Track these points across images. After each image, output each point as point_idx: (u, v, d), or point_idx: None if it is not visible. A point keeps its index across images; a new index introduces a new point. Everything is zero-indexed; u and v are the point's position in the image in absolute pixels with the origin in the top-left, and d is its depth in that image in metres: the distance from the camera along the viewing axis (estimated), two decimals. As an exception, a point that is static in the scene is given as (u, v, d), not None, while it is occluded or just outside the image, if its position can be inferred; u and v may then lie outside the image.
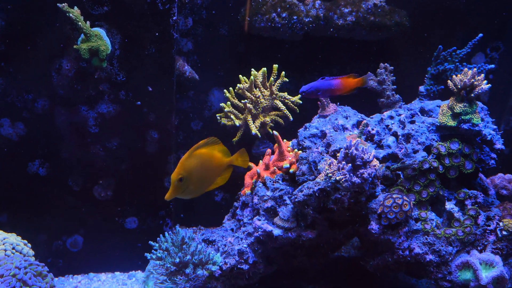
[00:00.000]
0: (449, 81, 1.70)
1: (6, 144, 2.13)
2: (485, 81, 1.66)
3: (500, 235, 1.65)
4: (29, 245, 1.78)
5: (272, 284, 1.90)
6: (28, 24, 2.02)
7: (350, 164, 1.54)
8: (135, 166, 2.26)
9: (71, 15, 1.93)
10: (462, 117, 1.69)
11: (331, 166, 1.57)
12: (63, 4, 1.92)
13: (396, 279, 2.17)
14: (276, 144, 1.90)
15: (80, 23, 1.95)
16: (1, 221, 2.19)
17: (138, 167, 2.27)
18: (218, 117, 2.14)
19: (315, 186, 1.61)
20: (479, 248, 1.68)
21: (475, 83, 1.66)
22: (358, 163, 1.54)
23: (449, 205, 1.73)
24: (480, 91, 1.66)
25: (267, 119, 2.06)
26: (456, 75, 1.70)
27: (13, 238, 1.74)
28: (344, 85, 1.61)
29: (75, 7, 1.97)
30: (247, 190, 1.89)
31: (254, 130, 2.02)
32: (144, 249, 2.30)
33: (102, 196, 2.28)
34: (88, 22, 2.00)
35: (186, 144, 2.51)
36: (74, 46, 2.00)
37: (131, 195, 2.30)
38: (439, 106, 1.81)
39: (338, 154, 1.70)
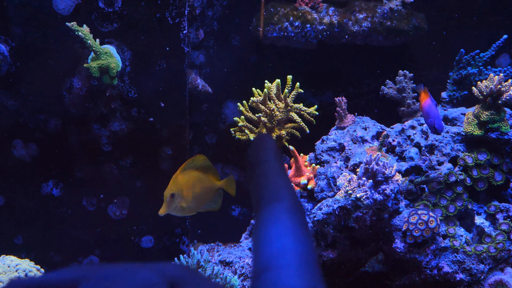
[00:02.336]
0: (473, 88, 1.60)
1: (19, 166, 2.12)
2: (513, 87, 1.56)
3: (536, 251, 1.54)
4: (42, 270, 1.74)
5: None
6: (38, 44, 2.01)
7: (371, 180, 1.45)
8: (150, 183, 2.22)
9: (80, 33, 1.90)
10: (490, 126, 1.58)
11: (351, 183, 1.49)
12: (72, 23, 1.89)
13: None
14: (293, 159, 1.83)
15: (89, 41, 1.92)
16: (17, 243, 2.17)
17: (152, 185, 2.22)
18: (233, 132, 2.08)
19: (334, 204, 1.53)
20: (513, 265, 1.57)
21: (502, 89, 1.56)
22: (379, 178, 1.46)
23: (479, 220, 1.62)
24: (508, 97, 1.56)
25: (283, 132, 1.99)
26: (481, 81, 1.61)
27: (25, 264, 1.70)
28: None
29: (84, 25, 1.94)
30: (263, 208, 1.82)
31: (269, 145, 1.95)
32: (161, 268, 2.26)
33: (117, 215, 2.24)
34: (97, 40, 1.97)
35: (201, 159, 2.46)
36: (85, 65, 1.97)
37: (147, 214, 2.26)
38: (463, 114, 1.71)
39: (357, 169, 1.61)
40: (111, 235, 2.25)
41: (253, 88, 1.99)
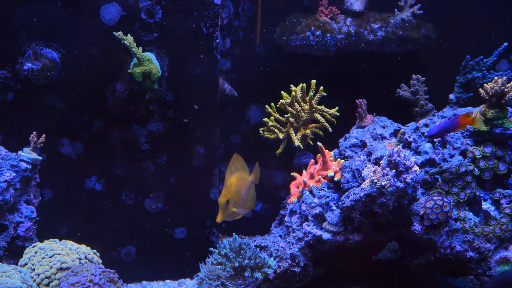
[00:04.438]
0: (480, 89, 1.83)
1: (66, 162, 2.31)
2: (514, 88, 1.79)
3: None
4: (98, 254, 1.94)
5: (321, 286, 2.03)
6: (86, 51, 2.21)
7: (394, 170, 1.67)
8: (183, 179, 2.42)
9: (125, 42, 2.11)
10: (495, 122, 1.81)
11: (376, 173, 1.71)
12: (119, 32, 2.10)
13: (433, 279, 2.27)
14: (319, 155, 2.04)
15: (133, 49, 2.13)
16: (62, 233, 2.36)
17: (185, 180, 2.43)
18: (261, 131, 2.29)
19: (361, 192, 1.75)
20: (516, 244, 1.79)
21: (505, 90, 1.79)
22: (401, 169, 1.68)
23: (485, 205, 1.84)
24: (510, 97, 1.79)
25: (308, 131, 2.21)
26: (487, 83, 1.83)
27: (84, 248, 1.90)
28: (462, 123, 1.77)
29: (129, 35, 2.16)
30: (293, 199, 2.03)
31: (297, 142, 2.17)
32: (192, 258, 2.45)
33: (153, 208, 2.44)
34: (140, 48, 2.18)
35: (226, 158, 2.66)
36: (129, 70, 2.18)
37: (180, 207, 2.46)
38: (471, 113, 1.93)
39: (380, 162, 1.83)
40: (147, 227, 2.45)
41: (282, 92, 2.21)
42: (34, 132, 2.03)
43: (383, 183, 1.67)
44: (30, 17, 2.14)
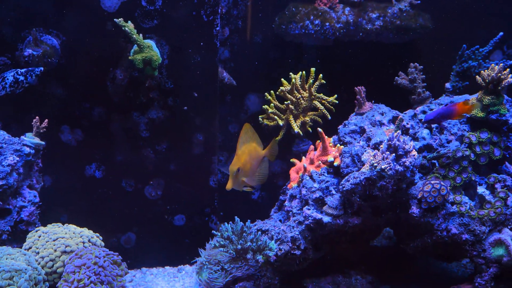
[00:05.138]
0: (477, 76, 1.88)
1: (66, 149, 2.32)
2: (510, 75, 1.83)
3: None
4: (101, 237, 1.96)
5: (320, 269, 2.07)
6: (86, 38, 2.22)
7: (393, 154, 1.71)
8: (183, 166, 2.45)
9: (126, 28, 2.12)
10: (491, 108, 1.86)
11: (376, 157, 1.74)
12: (120, 19, 2.11)
13: (428, 264, 2.33)
14: (318, 141, 2.08)
15: (134, 36, 2.15)
16: (62, 220, 2.37)
17: (185, 168, 2.45)
18: (260, 119, 2.31)
19: (361, 175, 1.79)
20: (509, 226, 1.84)
21: (501, 77, 1.83)
22: (400, 152, 1.72)
23: (480, 189, 1.89)
24: (506, 84, 1.83)
25: (307, 118, 2.24)
26: (484, 71, 1.88)
27: (87, 231, 1.92)
28: (459, 111, 1.80)
29: (129, 22, 2.17)
30: (293, 184, 2.07)
31: (296, 129, 2.20)
32: (191, 245, 2.48)
33: (153, 195, 2.46)
34: (141, 35, 2.19)
35: (224, 146, 2.69)
36: (129, 57, 2.19)
37: (179, 194, 2.48)
38: (468, 100, 1.98)
39: (379, 147, 1.87)
40: (147, 214, 2.47)
41: (282, 79, 2.23)
42: (37, 117, 2.04)
43: (383, 167, 1.71)
44: (29, 4, 2.14)
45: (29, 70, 1.98)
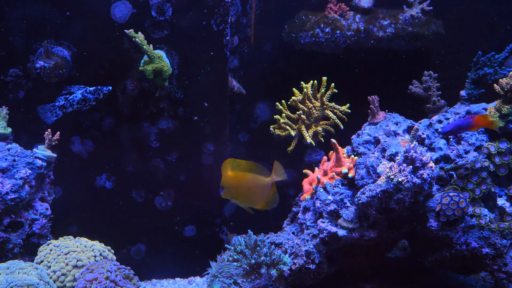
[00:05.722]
0: (495, 84, 1.83)
1: (76, 160, 2.30)
2: (529, 84, 1.79)
3: (551, 227, 1.76)
4: (112, 251, 1.93)
5: (333, 283, 2.03)
6: (96, 49, 2.20)
7: (411, 166, 1.67)
8: (193, 177, 2.42)
9: (136, 39, 2.10)
10: (510, 118, 1.81)
11: (392, 169, 1.70)
12: (130, 30, 2.09)
13: (445, 277, 2.28)
14: (331, 151, 2.04)
15: (144, 47, 2.12)
16: (72, 231, 2.35)
17: (195, 178, 2.42)
18: (272, 129, 2.28)
19: (377, 188, 1.75)
20: (531, 240, 1.79)
21: (520, 86, 1.79)
22: (417, 164, 1.68)
23: (500, 201, 1.85)
24: (525, 93, 1.79)
25: (319, 128, 2.21)
26: (502, 79, 1.83)
27: (98, 245, 1.89)
28: (478, 124, 1.76)
29: (139, 33, 2.15)
30: (306, 196, 2.03)
31: (308, 139, 2.17)
32: (202, 256, 2.45)
33: (163, 206, 2.43)
34: (151, 45, 2.17)
35: (234, 155, 2.66)
36: (140, 68, 2.17)
37: (189, 205, 2.45)
38: (485, 109, 1.94)
39: (395, 158, 1.83)
40: (157, 225, 2.44)
41: (294, 89, 2.20)
42: (49, 130, 2.02)
43: (400, 179, 1.67)
44: (40, 15, 2.12)
45: (98, 89, 2.02)
